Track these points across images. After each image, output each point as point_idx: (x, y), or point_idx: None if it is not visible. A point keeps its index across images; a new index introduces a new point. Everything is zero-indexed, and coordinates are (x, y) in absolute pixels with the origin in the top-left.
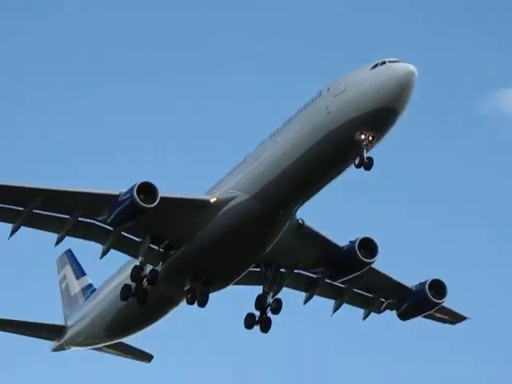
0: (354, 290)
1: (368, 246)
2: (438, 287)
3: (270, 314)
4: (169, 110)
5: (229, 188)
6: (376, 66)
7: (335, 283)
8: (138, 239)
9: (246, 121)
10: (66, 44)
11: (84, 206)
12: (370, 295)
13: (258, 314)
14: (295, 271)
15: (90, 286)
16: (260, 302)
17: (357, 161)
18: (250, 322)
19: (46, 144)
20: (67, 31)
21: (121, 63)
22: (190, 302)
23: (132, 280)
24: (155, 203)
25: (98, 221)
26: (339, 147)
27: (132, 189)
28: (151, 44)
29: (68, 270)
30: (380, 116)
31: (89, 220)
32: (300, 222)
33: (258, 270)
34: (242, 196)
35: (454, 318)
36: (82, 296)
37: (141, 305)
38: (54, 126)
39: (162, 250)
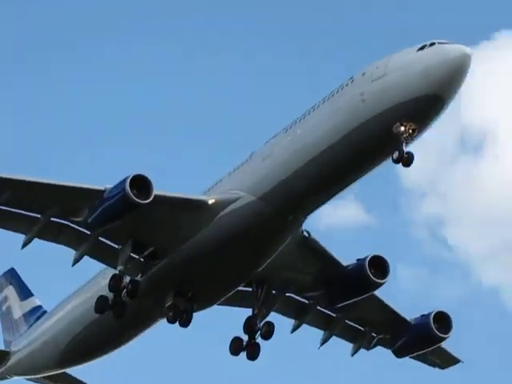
0: (346, 321)
1: (378, 265)
2: (442, 320)
3: (259, 340)
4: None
5: (230, 188)
6: (423, 47)
7: (327, 312)
8: (117, 246)
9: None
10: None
11: (61, 203)
12: (362, 328)
13: (246, 338)
14: (287, 294)
15: (39, 307)
16: (249, 325)
17: (395, 155)
18: (236, 346)
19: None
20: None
21: (118, 61)
22: (172, 321)
23: (110, 290)
24: (149, 199)
25: (73, 222)
26: (373, 140)
27: (124, 181)
28: (151, 40)
29: (10, 291)
30: (425, 105)
31: (63, 221)
32: (305, 233)
33: (248, 289)
34: (246, 197)
35: (446, 360)
36: (28, 319)
37: (118, 318)
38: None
39: (142, 259)
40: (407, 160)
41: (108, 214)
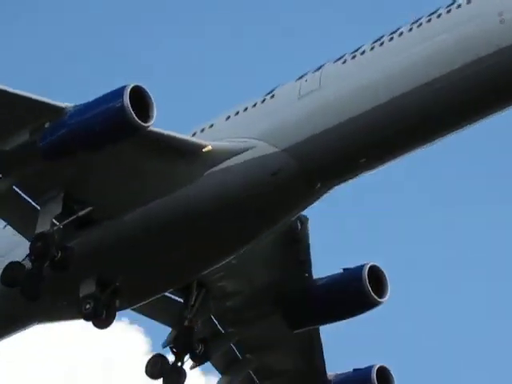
0: (249, 370)
1: (372, 279)
2: (382, 377)
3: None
4: None
5: (230, 135)
6: None
7: (235, 350)
8: (35, 203)
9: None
10: None
11: None
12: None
13: (172, 358)
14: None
15: None
16: (181, 340)
17: None
18: (154, 368)
19: None
20: None
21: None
22: (87, 317)
23: (33, 255)
24: (151, 122)
25: None
26: (505, 77)
27: (120, 92)
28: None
29: None
30: None
31: None
32: (298, 223)
33: (178, 298)
34: (263, 147)
35: None
36: None
37: (32, 300)
38: None
39: (62, 227)
40: None
41: (83, 139)
